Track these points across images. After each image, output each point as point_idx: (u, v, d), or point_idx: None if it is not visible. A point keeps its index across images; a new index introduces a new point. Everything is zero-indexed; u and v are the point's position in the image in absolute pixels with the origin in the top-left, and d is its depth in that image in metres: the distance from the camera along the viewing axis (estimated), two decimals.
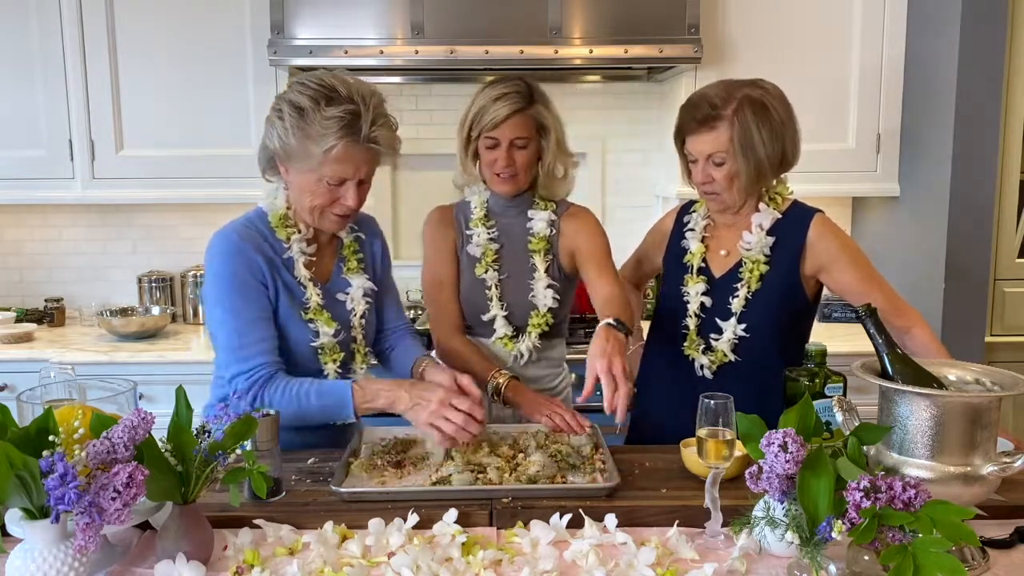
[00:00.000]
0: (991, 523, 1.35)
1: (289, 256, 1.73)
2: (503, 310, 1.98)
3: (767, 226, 1.85)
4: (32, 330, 2.97)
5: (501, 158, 1.90)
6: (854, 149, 2.94)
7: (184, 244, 3.30)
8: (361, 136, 1.61)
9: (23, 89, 2.88)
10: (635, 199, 3.36)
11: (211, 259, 1.69)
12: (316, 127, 1.60)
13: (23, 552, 1.16)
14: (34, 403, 1.44)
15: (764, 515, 1.23)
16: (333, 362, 1.76)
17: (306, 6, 2.72)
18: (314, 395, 1.64)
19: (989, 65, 2.64)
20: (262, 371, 1.64)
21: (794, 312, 1.89)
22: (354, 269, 1.83)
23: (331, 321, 1.75)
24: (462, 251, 2.03)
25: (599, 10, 2.73)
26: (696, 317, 1.89)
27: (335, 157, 1.61)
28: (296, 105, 1.62)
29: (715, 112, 1.77)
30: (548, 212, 1.99)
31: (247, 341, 1.65)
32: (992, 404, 1.24)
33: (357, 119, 1.60)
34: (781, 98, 1.82)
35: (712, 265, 1.92)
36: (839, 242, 1.85)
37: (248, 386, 1.63)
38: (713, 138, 1.78)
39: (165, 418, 1.29)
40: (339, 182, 1.65)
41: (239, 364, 1.64)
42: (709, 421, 1.35)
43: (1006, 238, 2.84)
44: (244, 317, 1.66)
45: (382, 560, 1.29)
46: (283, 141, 1.65)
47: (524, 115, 1.89)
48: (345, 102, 1.60)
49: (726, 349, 1.86)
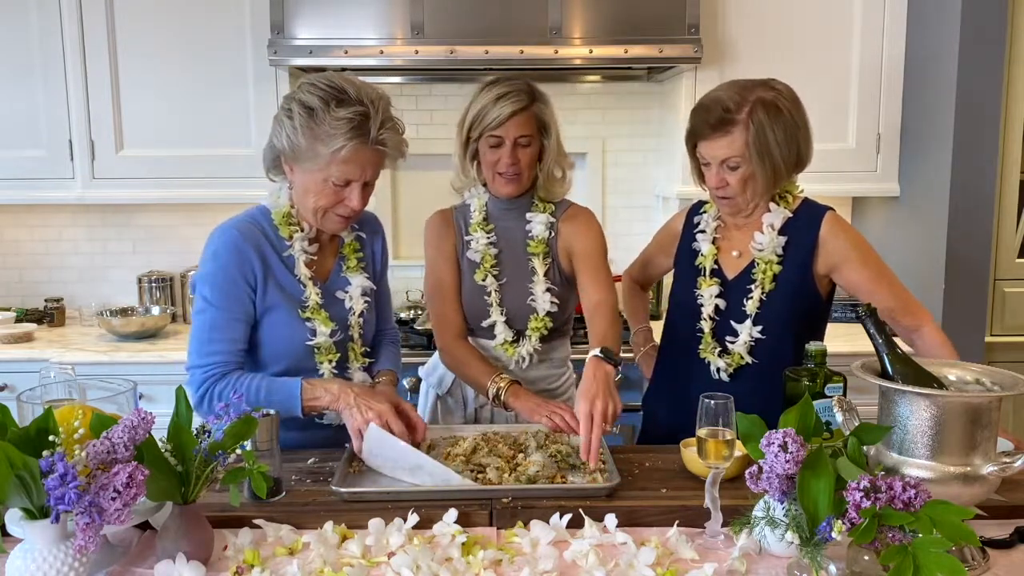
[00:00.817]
0: (991, 523, 1.35)
1: (290, 255, 1.73)
2: (503, 315, 1.98)
3: (778, 226, 1.84)
4: (32, 330, 2.96)
5: (505, 156, 1.89)
6: (854, 149, 2.94)
7: (184, 244, 3.30)
8: (370, 138, 1.62)
9: (23, 89, 2.88)
10: (635, 199, 3.35)
11: (207, 251, 1.70)
12: (326, 127, 1.60)
13: (23, 552, 1.16)
14: (34, 403, 1.43)
15: (764, 515, 1.24)
16: (328, 362, 1.76)
17: (306, 6, 2.72)
18: (264, 390, 1.65)
19: (989, 65, 2.64)
20: (219, 368, 1.66)
21: (808, 311, 1.87)
22: (354, 268, 1.83)
23: (328, 321, 1.75)
24: (462, 256, 2.02)
25: (599, 10, 2.73)
26: (711, 320, 1.88)
27: (343, 158, 1.61)
28: (306, 105, 1.63)
29: (729, 116, 1.75)
30: (547, 214, 1.99)
31: (216, 336, 1.67)
32: (992, 404, 1.24)
33: (366, 121, 1.61)
34: (793, 98, 1.80)
35: (724, 267, 1.91)
36: (851, 240, 1.84)
37: (202, 379, 1.65)
38: (728, 143, 1.76)
39: (165, 418, 1.29)
40: (345, 183, 1.66)
41: (200, 357, 1.67)
42: (709, 421, 1.35)
43: (1006, 238, 2.84)
44: (221, 313, 1.67)
45: (382, 560, 1.29)
46: (292, 141, 1.65)
47: (527, 113, 1.88)
48: (355, 104, 1.61)
49: (743, 351, 1.84)
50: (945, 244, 2.71)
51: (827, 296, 1.90)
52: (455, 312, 2.01)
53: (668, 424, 1.96)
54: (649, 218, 3.32)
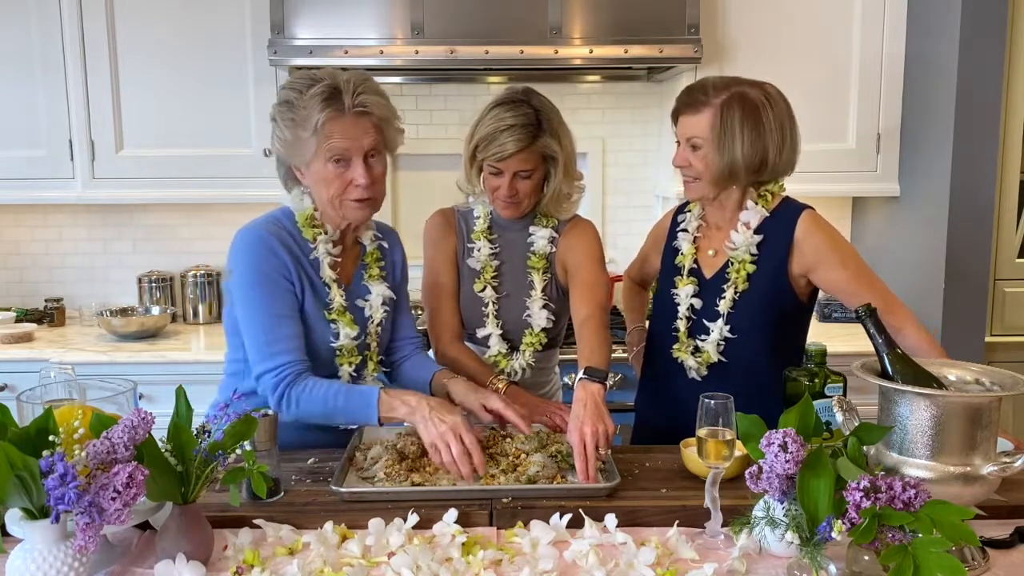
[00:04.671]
0: (991, 523, 1.35)
1: (315, 257, 1.73)
2: (498, 328, 1.97)
3: (754, 224, 1.82)
4: (32, 330, 2.96)
5: (504, 187, 1.87)
6: (854, 149, 2.94)
7: (184, 244, 3.30)
8: (344, 106, 1.62)
9: (23, 89, 2.88)
10: (635, 199, 3.35)
11: (239, 255, 1.68)
12: (301, 111, 1.62)
13: (23, 552, 1.16)
14: (34, 403, 1.43)
15: (764, 515, 1.24)
16: (349, 364, 1.76)
17: (306, 6, 2.72)
18: (343, 396, 1.63)
19: (989, 65, 2.63)
20: (289, 369, 1.63)
21: (783, 312, 1.85)
22: (375, 277, 1.82)
23: (353, 324, 1.75)
24: (463, 261, 2.01)
25: (599, 10, 2.73)
26: (686, 319, 1.88)
27: (326, 132, 1.62)
28: (283, 100, 1.66)
29: (704, 97, 1.76)
30: (549, 230, 1.96)
31: (275, 338, 1.64)
32: (992, 404, 1.24)
33: (337, 91, 1.62)
34: (780, 107, 1.78)
35: (703, 266, 1.90)
36: (827, 240, 1.81)
37: (275, 383, 1.62)
38: (695, 121, 1.77)
39: (165, 418, 1.29)
40: (340, 157, 1.65)
41: (266, 362, 1.63)
42: (709, 421, 1.35)
43: (1006, 238, 2.84)
44: (272, 314, 1.65)
45: (382, 560, 1.29)
46: (281, 139, 1.66)
47: (530, 150, 1.84)
48: (324, 81, 1.63)
49: (712, 350, 1.83)
50: (945, 244, 2.71)
51: (807, 297, 1.87)
52: (452, 314, 2.00)
53: (655, 423, 1.97)
54: (649, 218, 3.30)
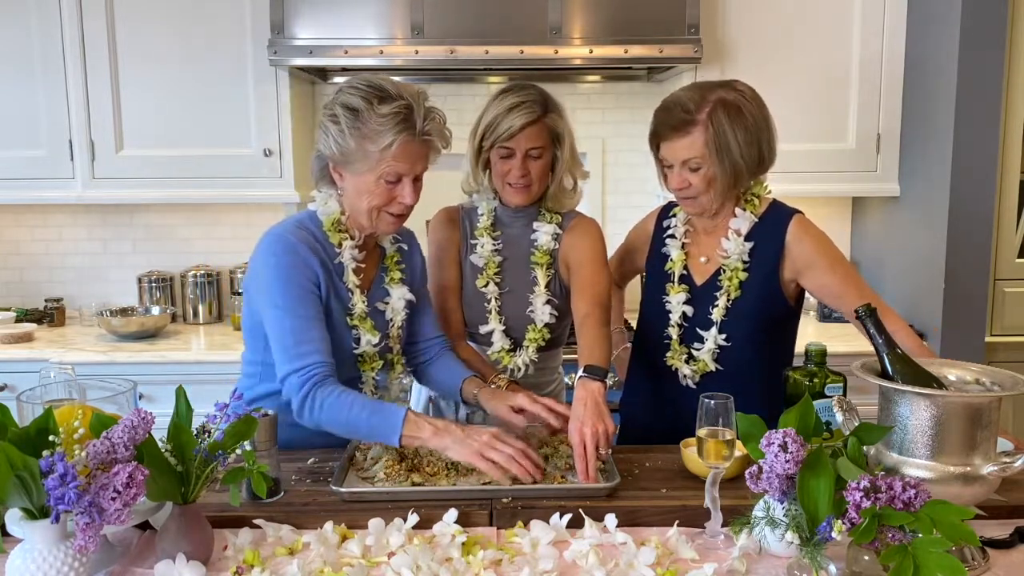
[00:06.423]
0: (991, 523, 1.35)
1: (339, 262, 1.72)
2: (501, 324, 1.97)
3: (745, 231, 1.82)
4: (32, 330, 2.97)
5: (516, 168, 1.87)
6: (854, 149, 2.94)
7: (184, 244, 3.31)
8: (416, 130, 1.62)
9: (23, 89, 2.88)
10: (635, 199, 3.35)
11: (265, 257, 1.67)
12: (372, 125, 1.60)
13: (23, 552, 1.16)
14: (34, 403, 1.43)
15: (764, 515, 1.24)
16: (372, 370, 1.76)
17: (306, 6, 2.72)
18: (368, 410, 1.59)
19: (989, 65, 2.63)
20: (317, 370, 1.61)
21: (775, 317, 1.86)
22: (396, 280, 1.82)
23: (374, 330, 1.75)
24: (465, 258, 2.01)
25: (599, 10, 2.73)
26: (678, 327, 1.87)
27: (394, 154, 1.61)
28: (350, 107, 1.62)
29: (689, 117, 1.74)
30: (553, 225, 1.96)
31: (302, 339, 1.63)
32: (992, 404, 1.24)
33: (411, 114, 1.61)
34: (756, 100, 1.78)
35: (693, 272, 1.89)
36: (817, 244, 1.81)
37: (301, 383, 1.60)
38: (688, 143, 1.75)
39: (165, 418, 1.29)
40: (396, 179, 1.65)
41: (293, 362, 1.61)
42: (709, 421, 1.35)
43: (1006, 238, 2.84)
44: (299, 316, 1.64)
45: (382, 560, 1.29)
46: (340, 144, 1.64)
47: (539, 125, 1.86)
48: (397, 99, 1.61)
49: (708, 359, 1.83)
50: (945, 244, 2.71)
51: (795, 301, 1.88)
52: (455, 313, 2.01)
53: (644, 425, 1.96)
54: None
